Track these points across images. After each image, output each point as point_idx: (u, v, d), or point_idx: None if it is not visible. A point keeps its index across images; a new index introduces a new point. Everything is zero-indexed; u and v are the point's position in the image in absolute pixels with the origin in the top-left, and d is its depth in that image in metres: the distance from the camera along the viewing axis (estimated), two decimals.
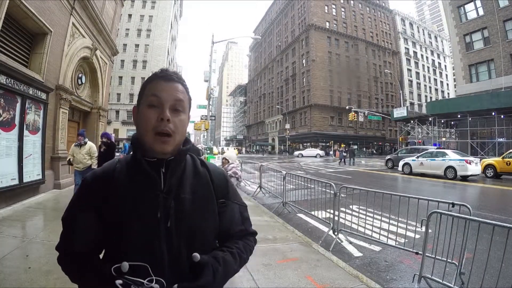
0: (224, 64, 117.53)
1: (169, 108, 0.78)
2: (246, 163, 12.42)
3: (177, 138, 0.79)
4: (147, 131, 0.77)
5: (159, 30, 43.01)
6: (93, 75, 10.67)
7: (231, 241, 0.89)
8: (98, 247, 0.82)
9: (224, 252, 0.83)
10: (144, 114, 0.78)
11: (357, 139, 46.59)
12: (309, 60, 45.42)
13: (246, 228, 0.95)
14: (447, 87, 61.74)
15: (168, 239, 0.76)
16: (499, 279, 2.17)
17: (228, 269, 0.80)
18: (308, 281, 2.83)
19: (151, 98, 0.78)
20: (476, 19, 21.41)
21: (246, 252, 0.90)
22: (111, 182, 0.80)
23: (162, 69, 0.85)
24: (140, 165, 0.79)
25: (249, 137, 71.35)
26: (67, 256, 0.81)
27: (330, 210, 4.47)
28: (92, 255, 0.81)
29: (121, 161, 0.86)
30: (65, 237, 0.82)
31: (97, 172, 0.85)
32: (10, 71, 5.37)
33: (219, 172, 0.94)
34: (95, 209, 0.78)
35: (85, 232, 0.78)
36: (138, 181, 0.79)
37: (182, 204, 0.80)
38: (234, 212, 0.92)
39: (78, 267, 0.78)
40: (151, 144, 0.77)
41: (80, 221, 0.79)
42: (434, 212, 2.70)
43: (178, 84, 0.82)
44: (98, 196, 0.79)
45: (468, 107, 18.80)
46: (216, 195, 0.88)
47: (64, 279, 0.84)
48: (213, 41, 17.18)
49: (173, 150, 0.80)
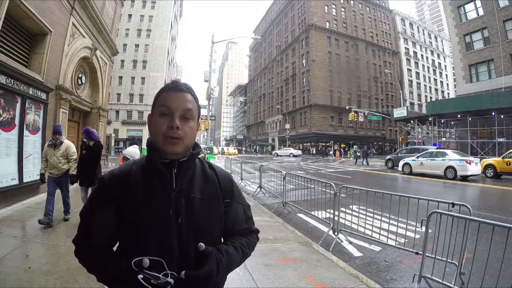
0: (224, 64, 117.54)
1: (178, 116, 0.84)
2: (246, 163, 12.41)
3: (186, 142, 0.86)
4: (158, 137, 0.84)
5: (159, 30, 42.95)
6: (93, 75, 10.68)
7: (235, 237, 0.96)
8: (113, 241, 0.88)
9: (228, 245, 0.90)
10: (156, 122, 0.85)
11: (357, 139, 46.55)
12: (309, 60, 45.42)
13: (249, 226, 1.03)
14: (447, 87, 61.73)
15: (179, 234, 0.83)
16: (499, 279, 2.16)
17: (231, 260, 0.87)
18: (308, 281, 2.83)
19: (162, 108, 0.85)
20: (476, 19, 21.41)
21: (248, 247, 0.98)
22: (128, 182, 0.86)
23: (173, 81, 0.92)
24: (154, 165, 0.86)
25: (249, 137, 71.34)
26: (84, 249, 0.86)
27: (330, 210, 4.47)
28: (108, 248, 0.87)
29: (137, 163, 0.93)
30: (82, 231, 0.87)
31: (114, 172, 0.90)
32: (10, 71, 5.37)
33: (225, 174, 1.02)
34: (111, 207, 0.84)
35: (101, 228, 0.85)
36: (153, 181, 0.86)
37: (192, 202, 0.87)
38: (238, 211, 1.00)
39: (96, 260, 0.84)
40: (162, 145, 0.84)
41: (97, 217, 0.85)
42: (434, 212, 2.69)
43: (188, 94, 0.88)
44: (115, 195, 0.85)
45: (468, 107, 18.78)
46: (223, 195, 0.95)
47: (64, 279, 0.84)
48: (213, 41, 17.18)
49: (183, 152, 0.87)
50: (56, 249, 3.45)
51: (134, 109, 41.55)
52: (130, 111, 41.75)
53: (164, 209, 0.83)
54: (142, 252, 0.77)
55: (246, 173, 11.07)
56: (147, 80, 41.71)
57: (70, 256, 3.02)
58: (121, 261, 0.79)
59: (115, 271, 0.79)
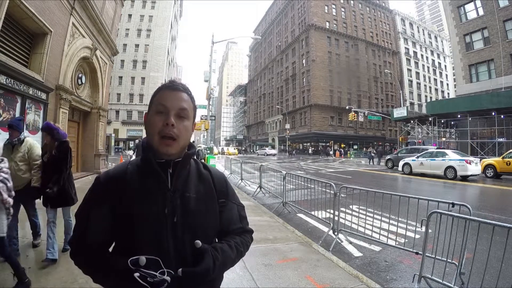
0: (224, 64, 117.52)
1: (174, 115, 0.85)
2: (246, 163, 12.42)
3: (181, 142, 0.87)
4: (153, 135, 0.85)
5: (159, 30, 42.97)
6: (93, 75, 10.68)
7: (230, 237, 0.97)
8: (109, 241, 0.88)
9: (223, 244, 0.91)
10: (152, 120, 0.86)
11: (357, 139, 46.58)
12: (309, 60, 45.42)
13: (243, 226, 1.03)
14: (447, 87, 61.73)
15: (174, 233, 0.84)
16: (499, 279, 2.16)
17: (226, 258, 0.87)
18: (308, 281, 2.83)
19: (158, 106, 0.87)
20: (476, 19, 21.40)
21: (243, 246, 0.98)
22: (124, 182, 0.86)
23: (170, 80, 0.93)
24: (150, 165, 0.86)
25: (249, 137, 71.34)
26: (80, 249, 0.86)
27: (330, 210, 4.47)
28: (104, 248, 0.87)
29: (132, 163, 0.93)
30: (78, 232, 0.88)
31: (110, 171, 0.91)
32: (10, 71, 5.38)
33: (220, 175, 1.03)
34: (107, 207, 0.84)
35: (97, 228, 0.85)
36: (148, 180, 0.87)
37: (187, 202, 0.87)
38: (232, 211, 1.01)
39: (92, 260, 0.84)
40: (157, 146, 0.85)
41: (93, 217, 0.85)
42: (434, 212, 2.69)
43: (184, 93, 0.90)
44: (110, 194, 0.85)
45: (468, 107, 18.77)
46: (217, 195, 0.96)
47: (64, 279, 0.84)
48: (213, 41, 17.17)
49: (178, 153, 0.88)
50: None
51: (134, 109, 41.59)
52: (130, 111, 41.78)
53: (159, 209, 0.83)
54: (138, 252, 0.78)
55: (246, 173, 11.07)
56: (147, 80, 41.75)
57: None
58: (117, 260, 0.79)
59: (111, 270, 0.79)
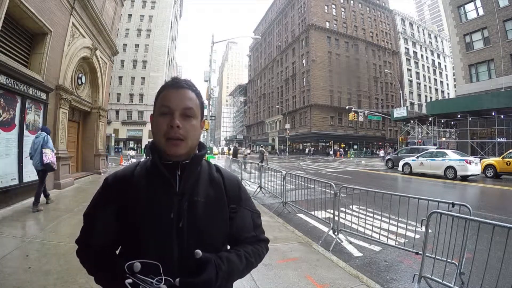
0: (224, 64, 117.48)
1: (179, 115, 0.81)
2: (246, 163, 12.42)
3: (190, 142, 0.82)
4: (160, 137, 0.81)
5: (159, 30, 42.94)
6: (93, 75, 10.67)
7: (241, 246, 0.90)
8: (115, 243, 0.86)
9: (230, 253, 0.85)
10: (156, 122, 0.83)
11: (357, 139, 46.58)
12: (309, 60, 45.41)
13: (257, 234, 0.96)
14: (447, 87, 61.72)
15: (179, 239, 0.80)
16: (499, 279, 2.16)
17: (232, 268, 0.81)
18: (308, 281, 2.83)
19: (162, 107, 0.82)
20: (476, 19, 21.40)
21: (254, 256, 0.90)
22: (131, 184, 0.84)
23: (173, 78, 0.89)
24: (157, 167, 0.83)
25: (249, 137, 71.33)
26: (85, 249, 0.86)
27: (330, 210, 4.47)
28: (110, 250, 0.86)
29: (141, 164, 0.91)
30: (85, 232, 0.87)
31: (118, 173, 0.90)
32: (10, 71, 5.37)
33: (232, 178, 0.96)
34: (114, 208, 0.83)
35: (103, 228, 0.84)
36: (155, 183, 0.84)
37: (195, 206, 0.83)
38: (245, 218, 0.94)
39: (95, 261, 0.83)
40: (164, 148, 0.81)
41: (100, 218, 0.85)
42: (434, 212, 2.69)
43: (188, 90, 0.85)
44: (118, 196, 0.83)
45: (468, 107, 18.76)
46: (228, 200, 0.90)
47: (64, 279, 0.84)
48: (213, 41, 17.18)
49: (187, 153, 0.83)
50: (57, 249, 3.45)
51: (134, 109, 41.57)
52: (130, 111, 41.74)
53: (165, 213, 0.80)
54: (142, 255, 0.75)
55: (246, 173, 11.07)
56: (147, 80, 41.73)
57: (70, 256, 3.02)
58: (117, 263, 0.77)
59: (110, 273, 0.78)
